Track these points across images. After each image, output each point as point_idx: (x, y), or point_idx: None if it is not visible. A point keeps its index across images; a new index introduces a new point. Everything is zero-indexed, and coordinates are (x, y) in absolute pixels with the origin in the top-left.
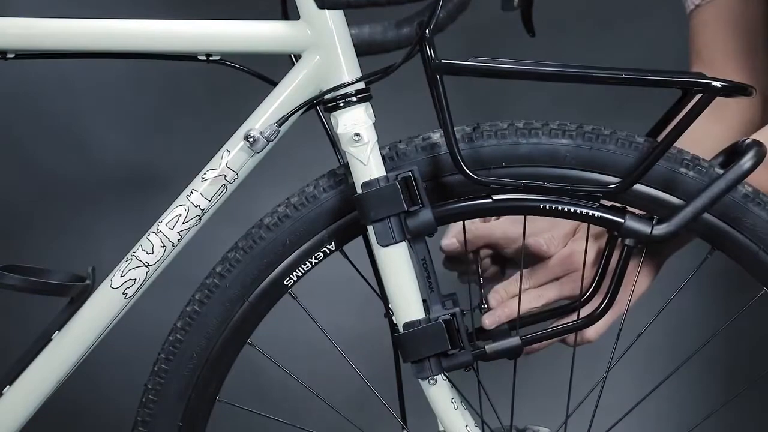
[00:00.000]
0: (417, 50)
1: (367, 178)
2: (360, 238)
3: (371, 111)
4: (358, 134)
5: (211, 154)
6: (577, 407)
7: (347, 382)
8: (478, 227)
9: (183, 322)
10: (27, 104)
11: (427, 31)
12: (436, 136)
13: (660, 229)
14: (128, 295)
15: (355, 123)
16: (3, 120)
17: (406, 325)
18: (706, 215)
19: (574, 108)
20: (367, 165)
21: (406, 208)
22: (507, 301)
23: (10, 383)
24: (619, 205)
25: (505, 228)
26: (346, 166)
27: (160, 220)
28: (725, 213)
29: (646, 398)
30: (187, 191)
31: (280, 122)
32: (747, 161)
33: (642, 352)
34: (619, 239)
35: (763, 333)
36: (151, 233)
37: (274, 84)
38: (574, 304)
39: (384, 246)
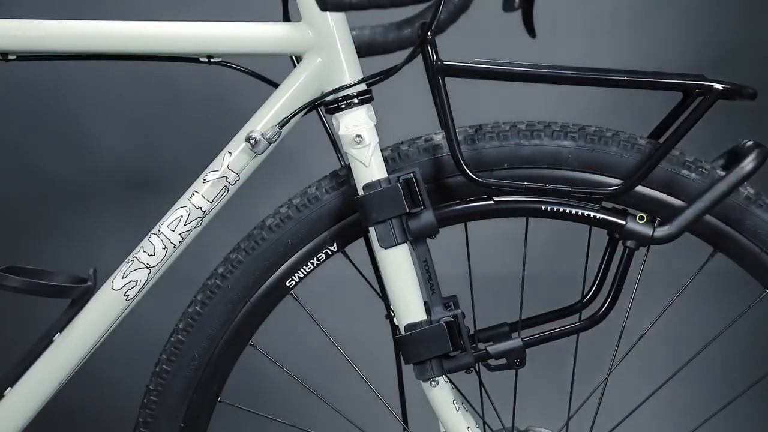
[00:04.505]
0: (419, 52)
1: (368, 180)
2: (362, 240)
3: (373, 112)
4: (359, 136)
5: (213, 155)
6: (579, 408)
7: (348, 383)
8: None
9: (185, 323)
10: (27, 105)
11: (428, 32)
12: (438, 138)
13: (661, 231)
14: (130, 297)
15: (356, 125)
16: (3, 121)
17: (408, 327)
18: (708, 217)
19: (576, 109)
20: (369, 167)
21: (407, 210)
22: None
23: (12, 385)
24: (620, 207)
25: None
26: (348, 168)
27: (161, 221)
28: (727, 215)
29: (647, 400)
30: (188, 193)
31: (282, 124)
32: (748, 163)
33: (643, 353)
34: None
35: (765, 334)
36: (152, 235)
37: (276, 85)
38: (575, 306)
39: (385, 248)
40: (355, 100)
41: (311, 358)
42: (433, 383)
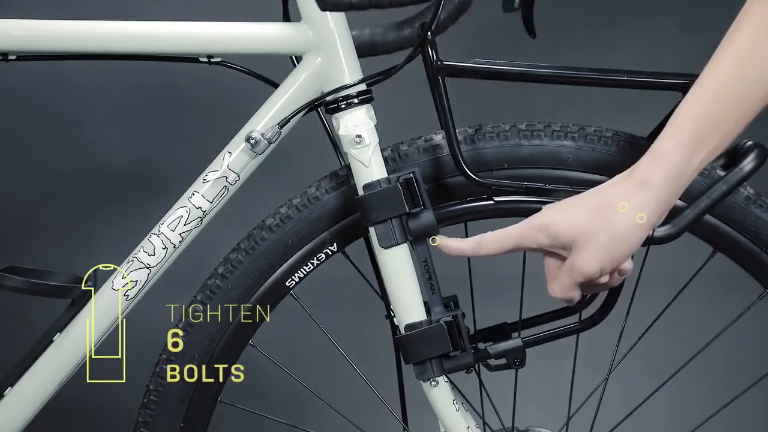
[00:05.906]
0: (419, 52)
1: (368, 180)
2: (362, 240)
3: (372, 112)
4: (359, 136)
5: (213, 155)
6: (579, 408)
7: (348, 383)
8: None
9: (185, 323)
10: (28, 105)
11: (428, 32)
12: (438, 138)
13: (661, 231)
14: (129, 297)
15: (356, 125)
16: (4, 121)
17: (408, 327)
18: (708, 217)
19: (576, 109)
20: (369, 166)
21: (407, 210)
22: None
23: (12, 385)
24: None
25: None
26: (348, 168)
27: (161, 221)
28: (727, 215)
29: (648, 399)
30: (188, 193)
31: (282, 124)
32: (748, 163)
33: (644, 353)
34: None
35: (765, 334)
36: (152, 235)
37: (276, 85)
38: (576, 306)
39: (385, 248)
40: (355, 100)
41: (311, 358)
42: (433, 383)
